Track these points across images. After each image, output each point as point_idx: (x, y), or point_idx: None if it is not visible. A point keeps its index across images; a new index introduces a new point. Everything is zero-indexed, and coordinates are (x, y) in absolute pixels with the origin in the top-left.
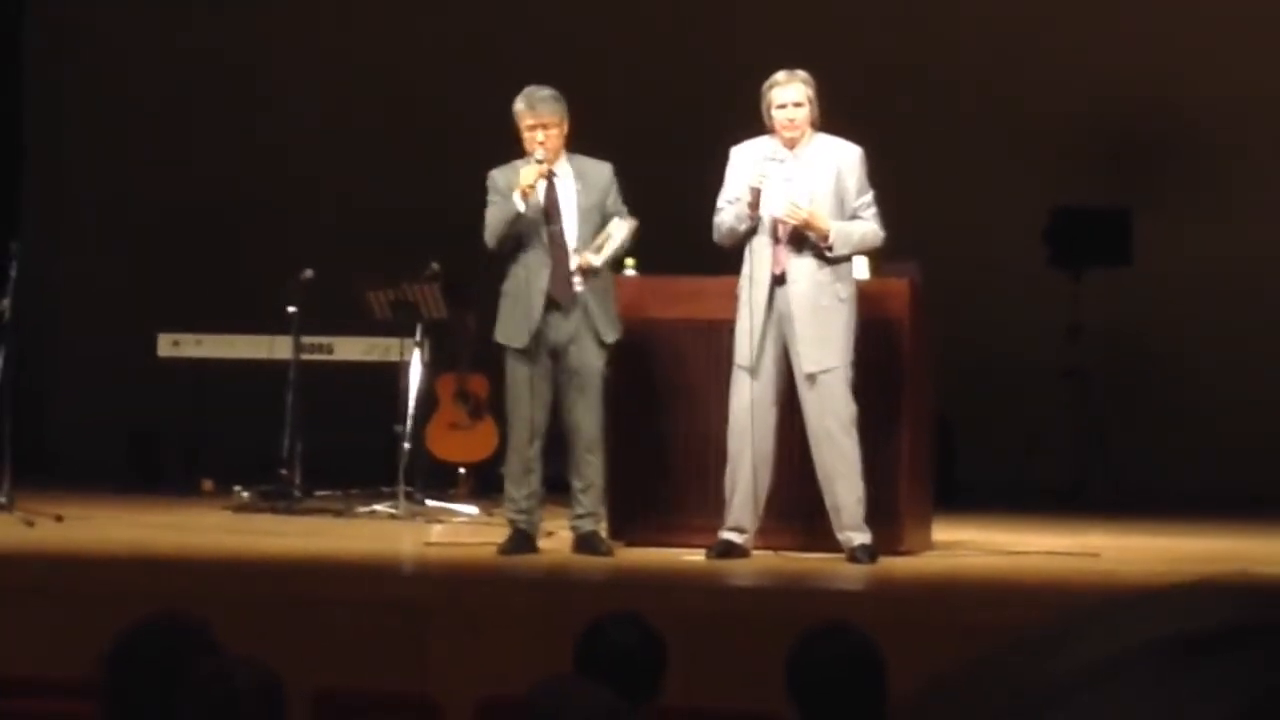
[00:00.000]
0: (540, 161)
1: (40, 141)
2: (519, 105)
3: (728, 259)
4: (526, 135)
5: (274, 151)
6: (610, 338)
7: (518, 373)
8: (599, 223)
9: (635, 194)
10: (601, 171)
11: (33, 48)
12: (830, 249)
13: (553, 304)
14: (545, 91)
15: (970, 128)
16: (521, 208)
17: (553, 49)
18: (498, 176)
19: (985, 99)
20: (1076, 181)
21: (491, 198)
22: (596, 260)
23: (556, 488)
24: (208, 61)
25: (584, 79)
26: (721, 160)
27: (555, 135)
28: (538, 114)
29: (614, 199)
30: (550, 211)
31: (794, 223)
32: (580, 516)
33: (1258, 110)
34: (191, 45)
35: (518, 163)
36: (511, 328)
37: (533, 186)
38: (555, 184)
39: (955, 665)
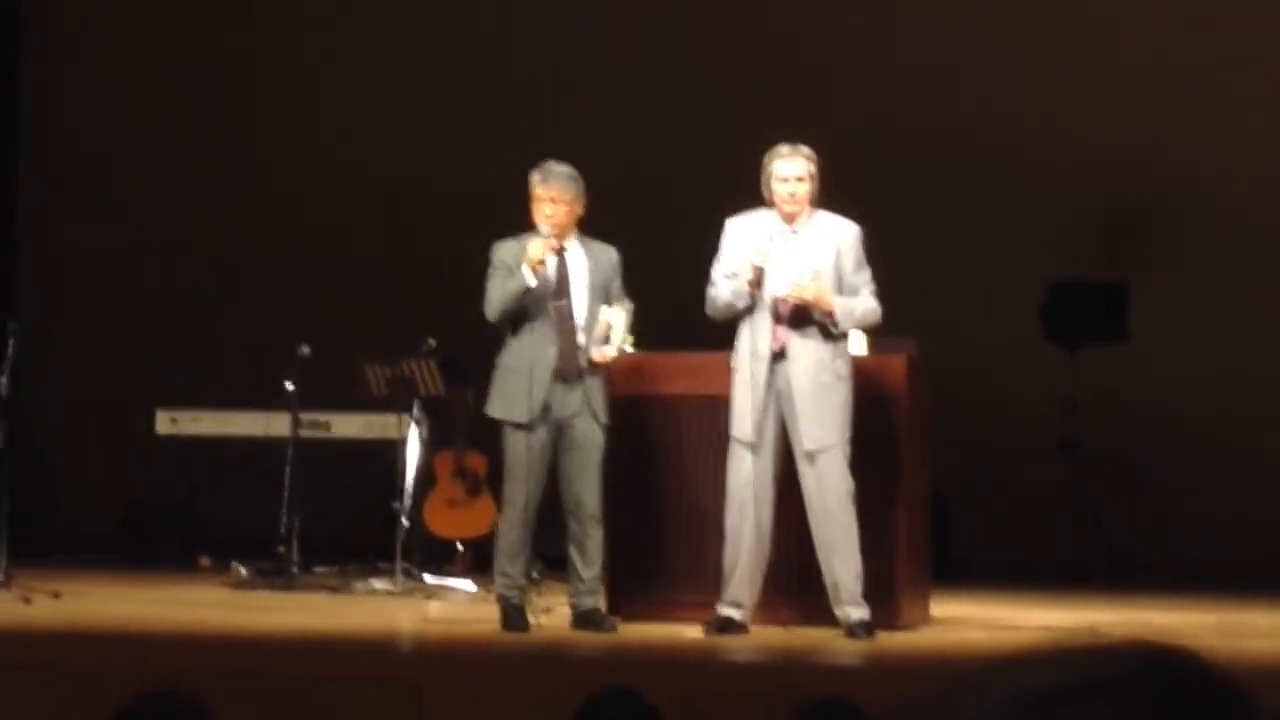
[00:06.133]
0: (547, 236)
1: (37, 218)
2: (534, 177)
3: (723, 334)
4: (536, 208)
5: (271, 228)
6: (604, 417)
7: (517, 447)
8: (605, 303)
9: (630, 269)
10: (610, 254)
11: (28, 122)
12: (836, 325)
13: (559, 378)
14: (563, 169)
15: (966, 203)
16: (532, 282)
17: (549, 124)
18: (502, 250)
19: (981, 174)
20: (1073, 257)
21: (494, 270)
22: (611, 353)
23: (554, 564)
24: (204, 137)
25: (579, 154)
26: (716, 235)
27: (565, 212)
28: (550, 188)
29: (618, 282)
30: (560, 286)
31: (800, 301)
32: (581, 593)
33: (1253, 185)
34: (188, 121)
35: (524, 237)
36: (512, 402)
37: (542, 261)
38: (566, 260)
39: None
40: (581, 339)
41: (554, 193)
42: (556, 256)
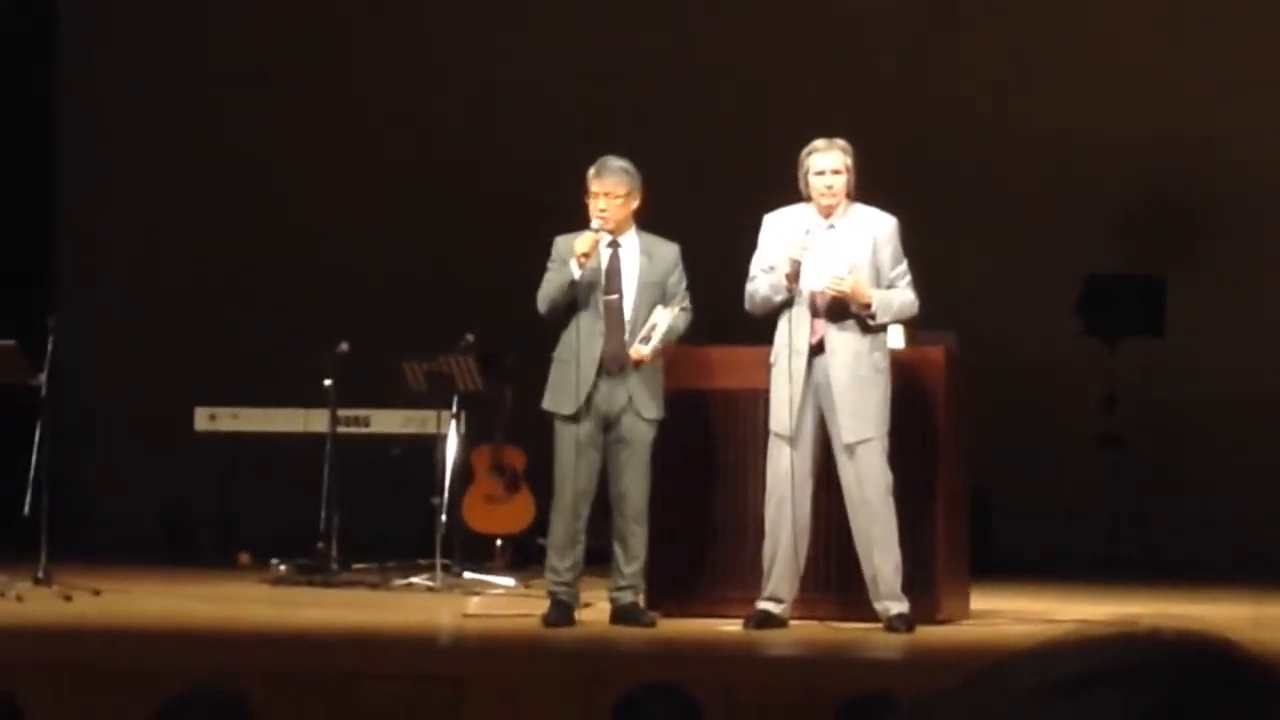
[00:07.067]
0: (596, 230)
1: (75, 215)
2: (590, 171)
3: (760, 328)
4: (591, 202)
5: (308, 225)
6: (649, 414)
7: (566, 440)
8: (658, 299)
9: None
10: (668, 251)
11: (67, 121)
12: (874, 318)
13: (606, 372)
14: (617, 162)
15: (1004, 197)
16: (577, 275)
17: (585, 121)
18: (560, 243)
19: (1019, 168)
20: (1110, 251)
21: (550, 263)
22: (646, 350)
23: (597, 559)
24: (240, 136)
25: (615, 152)
26: (751, 230)
27: (617, 205)
28: (602, 181)
29: (676, 279)
30: (610, 280)
31: (837, 295)
32: (621, 588)
33: None
34: (224, 120)
35: (584, 232)
36: (560, 395)
37: (588, 255)
38: (619, 255)
39: None
40: (629, 334)
41: (606, 186)
42: (610, 250)
